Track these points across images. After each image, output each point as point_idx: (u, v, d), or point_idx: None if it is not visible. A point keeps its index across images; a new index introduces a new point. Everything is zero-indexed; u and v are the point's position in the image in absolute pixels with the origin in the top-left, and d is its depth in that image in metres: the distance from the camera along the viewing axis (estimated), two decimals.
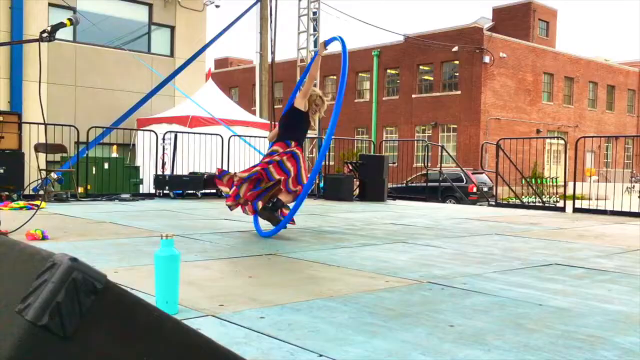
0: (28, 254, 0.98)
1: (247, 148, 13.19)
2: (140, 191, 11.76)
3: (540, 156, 27.82)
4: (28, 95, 14.17)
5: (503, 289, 3.42)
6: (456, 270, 4.03)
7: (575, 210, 10.04)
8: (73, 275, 0.89)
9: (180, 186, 11.06)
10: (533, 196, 15.76)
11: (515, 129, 30.26)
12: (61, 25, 3.09)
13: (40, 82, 3.39)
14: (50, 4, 14.72)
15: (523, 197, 14.40)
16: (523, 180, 14.80)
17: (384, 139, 30.96)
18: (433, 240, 5.69)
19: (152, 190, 11.40)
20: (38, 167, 9.77)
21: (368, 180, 11.89)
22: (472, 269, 4.11)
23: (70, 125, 10.45)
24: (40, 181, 10.32)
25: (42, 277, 0.90)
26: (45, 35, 2.95)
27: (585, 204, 10.98)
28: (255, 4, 15.87)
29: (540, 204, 11.93)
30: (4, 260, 1.03)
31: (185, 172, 11.85)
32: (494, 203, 11.80)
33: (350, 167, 12.64)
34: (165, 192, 11.08)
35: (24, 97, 14.19)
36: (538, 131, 31.83)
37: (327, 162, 13.82)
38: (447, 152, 16.50)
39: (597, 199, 13.36)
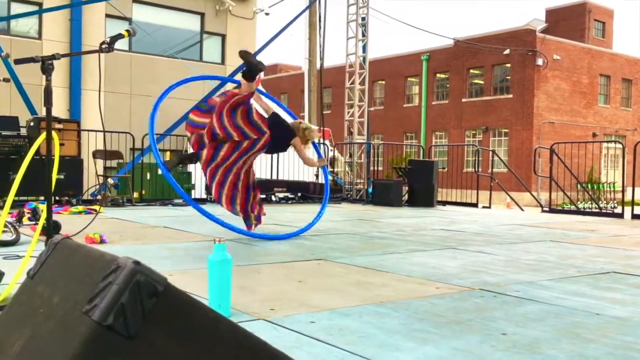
0: (93, 257, 1.03)
1: (296, 153, 13.27)
2: (193, 196, 12.01)
3: (596, 161, 26.92)
4: (86, 104, 14.70)
5: (558, 297, 3.34)
6: (509, 277, 3.96)
7: (634, 217, 9.67)
8: (136, 278, 0.93)
9: None
10: (589, 202, 15.28)
11: (570, 132, 29.41)
12: (119, 36, 3.21)
13: (100, 91, 3.52)
14: (107, 15, 15.24)
15: (579, 203, 13.99)
16: (578, 186, 14.37)
17: (433, 143, 30.64)
18: (484, 246, 5.60)
19: (204, 196, 11.63)
20: (96, 172, 10.13)
21: (417, 186, 11.79)
22: (526, 276, 4.02)
23: (126, 132, 10.78)
24: (98, 186, 10.67)
25: (107, 279, 0.94)
26: (104, 46, 3.07)
27: None
28: (304, 10, 16.01)
29: (597, 210, 11.55)
30: (70, 262, 1.09)
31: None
32: (547, 209, 11.51)
33: (399, 173, 12.58)
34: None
35: (83, 105, 14.73)
36: (594, 135, 30.84)
37: (375, 167, 13.79)
38: (498, 156, 16.21)
39: None
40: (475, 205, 12.53)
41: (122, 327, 0.91)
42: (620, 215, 9.91)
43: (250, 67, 5.80)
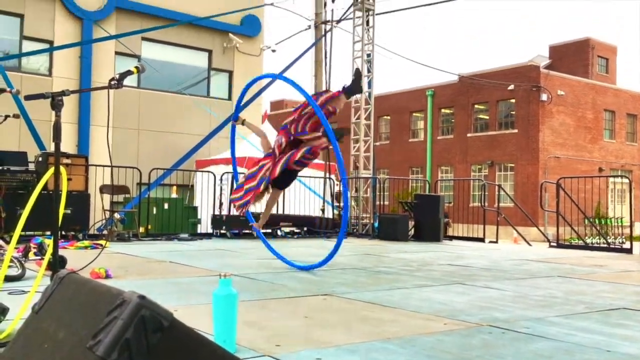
0: (99, 292, 1.03)
1: (302, 188, 13.30)
2: (199, 231, 12.01)
3: (603, 195, 26.79)
4: (94, 139, 14.84)
5: (568, 334, 3.29)
6: (517, 313, 3.91)
7: None
8: (142, 313, 0.92)
9: (236, 226, 11.22)
10: (597, 237, 15.15)
11: (576, 167, 29.36)
12: (128, 72, 3.26)
13: (108, 126, 3.57)
14: (117, 53, 15.51)
15: (586, 238, 13.88)
16: (586, 221, 14.26)
17: (439, 178, 30.63)
18: (492, 282, 5.54)
19: (210, 230, 11.62)
20: (103, 207, 10.15)
21: (423, 220, 11.75)
22: (534, 312, 3.97)
23: (133, 167, 10.84)
24: (104, 221, 10.69)
25: (113, 313, 0.94)
26: (114, 82, 3.12)
27: None
28: (310, 47, 16.24)
29: (605, 245, 11.45)
30: (76, 297, 1.09)
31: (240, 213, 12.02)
32: (555, 244, 11.41)
33: (405, 207, 12.56)
34: (222, 231, 11.26)
35: (91, 141, 14.88)
36: (600, 170, 30.78)
37: (381, 202, 13.78)
38: (504, 191, 16.17)
39: None
40: (482, 240, 12.44)
41: None
42: (629, 251, 9.81)
43: (357, 86, 6.51)
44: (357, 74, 6.70)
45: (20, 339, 1.21)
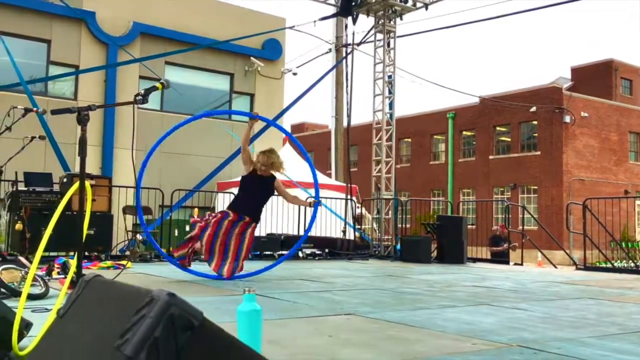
0: (127, 291, 1.00)
1: (323, 210, 13.25)
2: None
3: (630, 218, 26.29)
4: (118, 161, 15.00)
5: (603, 355, 3.17)
6: (548, 334, 3.79)
7: None
8: (171, 311, 0.89)
9: (258, 247, 11.18)
10: (624, 260, 14.82)
11: (601, 190, 28.90)
12: (153, 88, 3.28)
13: (133, 143, 3.58)
14: (140, 77, 15.74)
15: (613, 261, 13.57)
16: (612, 244, 13.98)
17: (461, 200, 30.35)
18: (519, 303, 5.41)
19: None
20: (125, 228, 10.21)
21: (446, 242, 11.60)
22: (565, 333, 3.85)
23: (155, 189, 10.91)
24: (126, 242, 10.74)
25: (141, 312, 0.90)
26: (139, 97, 3.13)
27: None
28: (331, 70, 16.35)
29: (633, 268, 11.17)
30: (103, 297, 1.06)
31: (263, 234, 12.00)
32: (582, 266, 11.17)
33: (428, 229, 12.43)
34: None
35: (115, 162, 15.03)
36: (626, 192, 30.26)
37: (403, 225, 13.65)
38: (529, 213, 15.94)
39: None
40: (506, 262, 12.23)
41: None
42: None
43: None
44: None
45: (45, 343, 1.18)
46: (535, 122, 29.90)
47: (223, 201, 13.48)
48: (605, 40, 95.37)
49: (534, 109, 29.15)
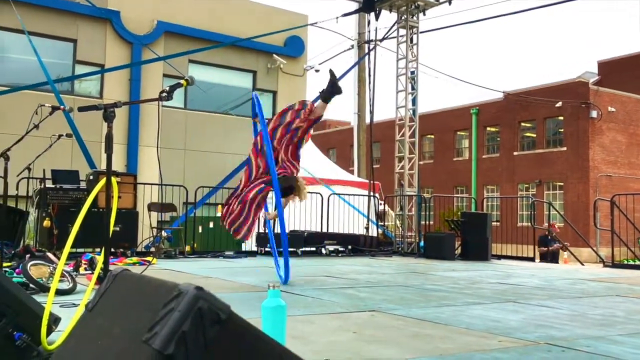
0: (154, 285, 1.00)
1: (346, 206, 13.24)
2: (243, 249, 12.04)
3: None
4: (142, 159, 15.17)
5: (633, 353, 3.11)
6: (576, 332, 3.73)
7: None
8: (199, 305, 0.88)
9: (280, 244, 11.20)
10: None
11: (629, 186, 28.33)
12: (178, 85, 3.30)
13: (158, 140, 3.60)
14: (164, 75, 15.88)
15: None
16: (639, 241, 13.71)
17: (485, 196, 30.04)
18: (546, 300, 5.33)
19: (255, 248, 11.65)
20: (150, 225, 10.32)
21: (470, 239, 11.50)
22: (594, 331, 3.78)
23: (180, 186, 11.00)
24: (151, 238, 10.85)
25: (169, 305, 0.90)
26: (164, 94, 3.15)
27: None
28: (353, 66, 16.29)
29: None
30: (131, 292, 1.06)
31: (286, 230, 12.02)
32: (609, 263, 10.97)
33: (452, 226, 12.33)
34: (267, 249, 11.27)
35: (139, 160, 15.21)
36: None
37: (426, 221, 13.56)
38: (555, 209, 15.71)
39: None
40: (532, 259, 12.08)
41: (183, 356, 0.86)
42: None
43: (334, 87, 6.07)
44: (332, 74, 6.20)
45: (73, 336, 1.19)
46: (561, 118, 29.43)
47: None
48: (633, 34, 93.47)
49: (559, 104, 28.69)
